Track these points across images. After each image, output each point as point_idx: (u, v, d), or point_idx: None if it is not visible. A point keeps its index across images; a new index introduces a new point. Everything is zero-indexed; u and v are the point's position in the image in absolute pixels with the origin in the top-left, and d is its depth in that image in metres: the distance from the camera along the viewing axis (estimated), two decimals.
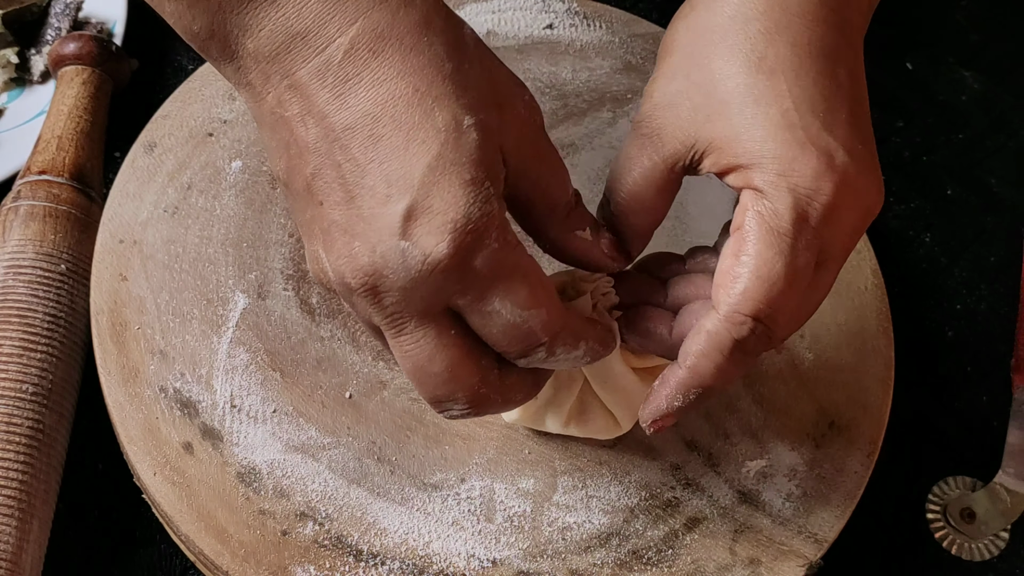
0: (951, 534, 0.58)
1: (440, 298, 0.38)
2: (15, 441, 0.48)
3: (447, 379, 0.39)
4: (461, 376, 0.39)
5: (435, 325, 0.38)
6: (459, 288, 0.37)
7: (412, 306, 0.38)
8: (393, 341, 0.39)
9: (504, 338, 0.39)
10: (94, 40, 0.60)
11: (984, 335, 0.65)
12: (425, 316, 0.38)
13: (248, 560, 0.47)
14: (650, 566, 0.49)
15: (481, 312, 0.38)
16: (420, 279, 0.37)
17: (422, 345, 0.39)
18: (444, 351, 0.39)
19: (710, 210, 0.60)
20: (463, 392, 0.40)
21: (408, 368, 0.39)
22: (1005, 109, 0.74)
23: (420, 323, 0.38)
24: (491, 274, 0.38)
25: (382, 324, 0.38)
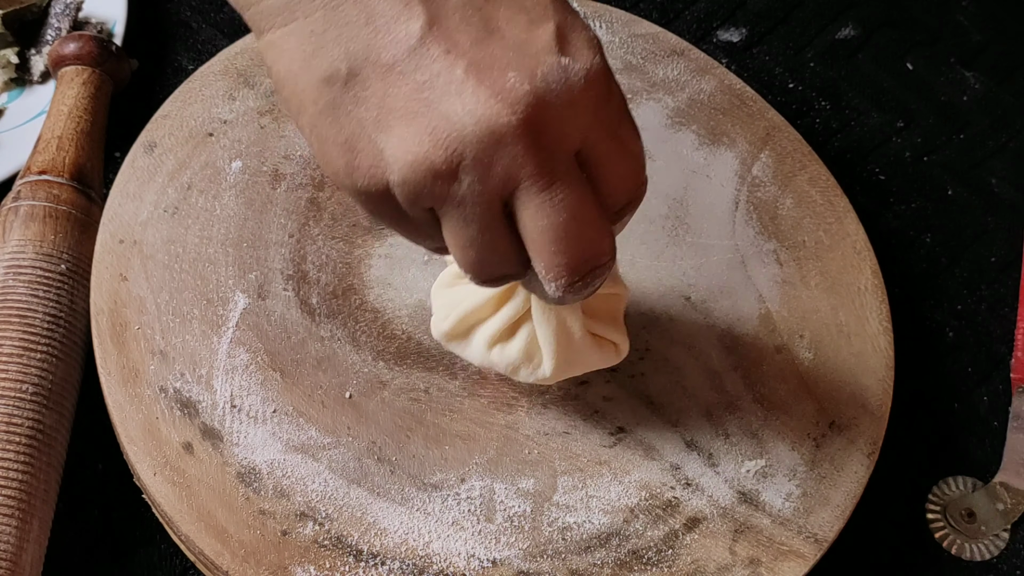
0: (951, 534, 0.58)
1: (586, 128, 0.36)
2: (15, 441, 0.48)
3: (596, 228, 0.37)
4: (604, 224, 0.38)
5: (577, 170, 0.37)
6: (603, 113, 0.36)
7: (564, 141, 0.35)
8: (544, 195, 0.36)
9: (630, 173, 0.38)
10: (94, 40, 0.60)
11: (984, 335, 0.65)
12: (571, 159, 0.36)
13: (248, 560, 0.47)
14: (650, 566, 0.49)
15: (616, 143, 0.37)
16: (579, 100, 0.35)
17: (576, 191, 0.36)
18: (591, 197, 0.37)
19: (710, 210, 0.60)
20: (609, 243, 0.38)
21: (562, 222, 0.36)
22: (1006, 109, 0.74)
23: (569, 166, 0.36)
24: (621, 101, 0.37)
25: (534, 173, 0.35)
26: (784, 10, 0.76)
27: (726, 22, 0.74)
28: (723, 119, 0.64)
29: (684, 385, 0.54)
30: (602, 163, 0.37)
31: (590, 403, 0.53)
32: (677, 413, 0.53)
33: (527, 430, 0.52)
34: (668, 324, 0.56)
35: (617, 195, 0.38)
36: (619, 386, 0.54)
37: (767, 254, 0.59)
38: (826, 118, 0.72)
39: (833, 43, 0.75)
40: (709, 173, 0.61)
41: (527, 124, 0.34)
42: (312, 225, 0.56)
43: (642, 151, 0.39)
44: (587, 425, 0.52)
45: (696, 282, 0.58)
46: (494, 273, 0.39)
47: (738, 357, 0.56)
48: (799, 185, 0.62)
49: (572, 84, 0.35)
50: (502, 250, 0.38)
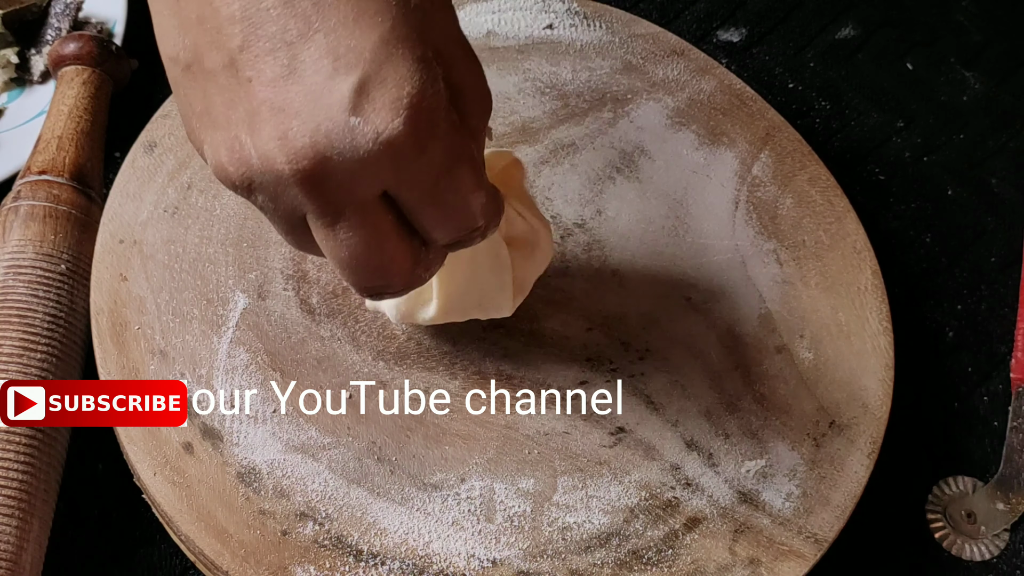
0: (951, 534, 0.58)
1: (385, 182, 0.35)
2: (15, 441, 0.48)
3: (385, 267, 0.37)
4: (398, 262, 0.37)
5: (373, 212, 0.36)
6: (407, 173, 0.35)
7: (353, 192, 0.35)
8: (326, 232, 0.36)
9: (446, 224, 0.37)
10: (94, 40, 0.60)
11: (984, 335, 0.65)
12: (364, 203, 0.36)
13: (248, 560, 0.47)
14: (650, 566, 0.49)
15: (428, 197, 0.36)
16: (369, 160, 0.34)
17: (360, 234, 0.36)
18: (384, 239, 0.37)
19: (710, 210, 0.60)
20: (399, 277, 0.38)
21: (343, 258, 0.37)
22: (1006, 109, 0.74)
23: (358, 210, 0.36)
24: (443, 158, 0.35)
25: (315, 213, 0.35)
26: (784, 10, 0.76)
27: (726, 22, 0.74)
28: (723, 119, 0.64)
29: (684, 385, 0.54)
30: (414, 210, 0.37)
31: (590, 403, 0.53)
32: (677, 413, 0.53)
33: (527, 430, 0.52)
34: (668, 324, 0.56)
35: (434, 234, 0.38)
36: (619, 386, 0.54)
37: (767, 254, 0.59)
38: (826, 118, 0.72)
39: (833, 43, 0.75)
40: (709, 173, 0.61)
41: (304, 174, 0.34)
42: None
43: (470, 201, 0.37)
44: (587, 425, 0.52)
45: (696, 282, 0.58)
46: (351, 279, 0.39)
47: (738, 357, 0.56)
48: (799, 185, 0.62)
49: (358, 145, 0.34)
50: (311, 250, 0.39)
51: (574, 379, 0.54)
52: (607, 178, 0.60)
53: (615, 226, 0.59)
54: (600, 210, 0.59)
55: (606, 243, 0.58)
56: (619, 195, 0.60)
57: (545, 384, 0.53)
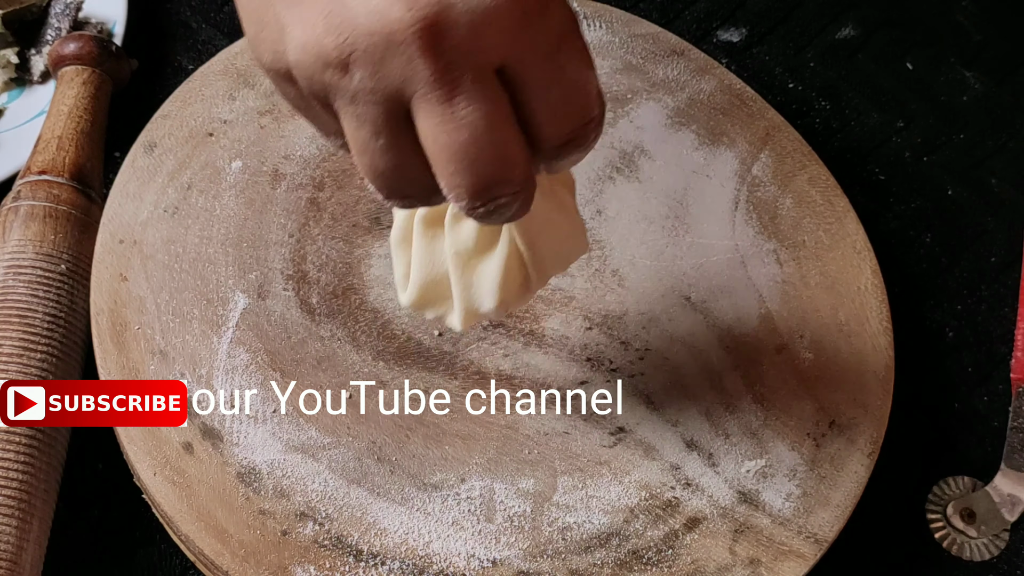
0: (951, 534, 0.58)
1: (505, 47, 0.32)
2: (15, 441, 0.48)
3: (504, 154, 0.33)
4: (516, 152, 0.33)
5: (493, 85, 0.32)
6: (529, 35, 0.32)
7: (475, 54, 0.31)
8: (442, 108, 0.32)
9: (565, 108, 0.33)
10: (94, 40, 0.60)
11: (984, 335, 0.65)
12: (484, 72, 0.32)
13: (248, 560, 0.47)
14: (650, 566, 0.49)
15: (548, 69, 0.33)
16: (495, 12, 0.31)
17: (482, 109, 0.32)
18: (505, 119, 0.33)
19: (710, 210, 0.60)
20: (519, 172, 0.33)
21: (462, 141, 0.32)
22: (1006, 109, 0.74)
23: (478, 79, 0.32)
24: (561, 23, 0.33)
25: (431, 82, 0.31)
26: (784, 10, 0.76)
27: (726, 22, 0.74)
28: (723, 119, 0.64)
29: (684, 385, 0.54)
30: (529, 88, 0.33)
31: (590, 403, 0.53)
32: (677, 413, 0.53)
33: (527, 430, 0.52)
34: (668, 324, 0.56)
35: (549, 127, 0.34)
36: (619, 386, 0.54)
37: (767, 254, 0.59)
38: (826, 118, 0.72)
39: (833, 43, 0.75)
40: (709, 173, 0.62)
41: (425, 25, 0.31)
42: (312, 225, 0.56)
43: (591, 83, 0.34)
44: (587, 425, 0.52)
45: (696, 282, 0.58)
46: (395, 188, 0.35)
47: (738, 357, 0.56)
48: (799, 185, 0.62)
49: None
50: (401, 163, 0.34)
51: (574, 379, 0.54)
52: (607, 178, 0.60)
53: (615, 226, 0.59)
54: (600, 210, 0.59)
55: (606, 243, 0.58)
56: (619, 195, 0.60)
57: (545, 384, 0.53)
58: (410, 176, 0.34)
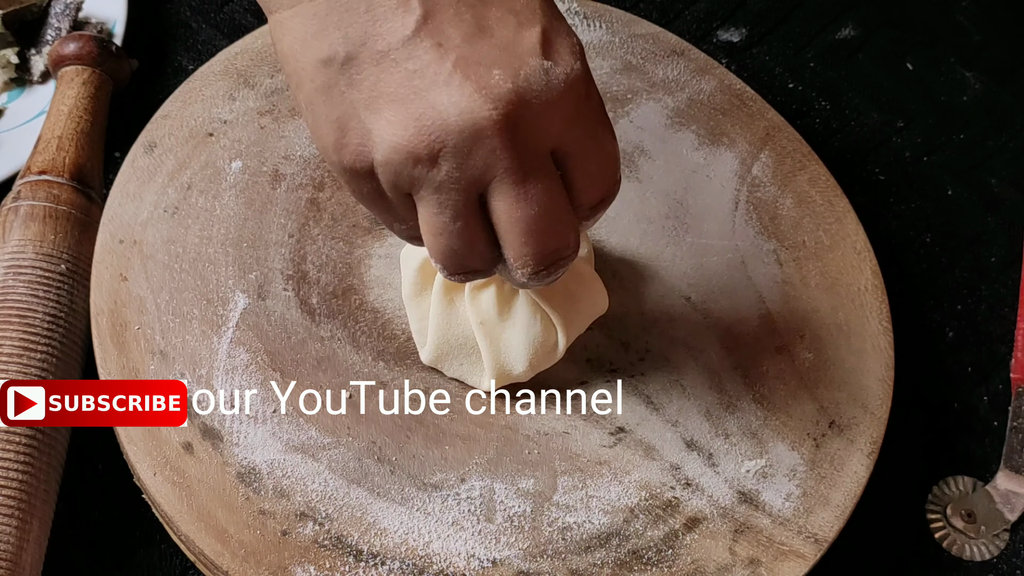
0: (951, 534, 0.58)
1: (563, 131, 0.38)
2: (15, 441, 0.48)
3: (562, 226, 0.39)
4: (572, 220, 0.40)
5: (551, 167, 0.39)
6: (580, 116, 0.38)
7: (542, 140, 0.38)
8: (517, 191, 0.38)
9: (600, 174, 0.40)
10: (94, 40, 0.60)
11: (984, 335, 0.65)
12: (546, 157, 0.38)
13: (248, 560, 0.47)
14: (650, 566, 0.49)
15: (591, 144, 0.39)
16: (559, 99, 0.37)
17: (548, 190, 0.38)
18: (561, 193, 0.39)
19: (710, 210, 0.60)
20: (574, 237, 0.40)
21: (532, 216, 0.38)
22: (1006, 109, 0.74)
23: (544, 164, 0.38)
24: (598, 105, 0.40)
25: (508, 169, 0.37)
26: (784, 10, 0.76)
27: (726, 22, 0.74)
28: (723, 119, 0.64)
29: (684, 385, 0.54)
30: (577, 162, 0.39)
31: (590, 403, 0.53)
32: (677, 413, 0.53)
33: (527, 430, 0.52)
34: (668, 324, 0.56)
35: (589, 192, 0.40)
36: (619, 386, 0.54)
37: (767, 254, 0.59)
38: (826, 118, 0.72)
39: (833, 43, 0.75)
40: (709, 173, 0.61)
41: (507, 120, 0.36)
42: (312, 225, 0.56)
43: (617, 152, 0.41)
44: (587, 425, 0.52)
45: (696, 282, 0.58)
46: (462, 265, 0.41)
47: (738, 357, 0.56)
48: (799, 185, 0.62)
49: (552, 86, 0.37)
50: (473, 241, 0.40)
51: (574, 379, 0.54)
52: None
53: (615, 226, 0.59)
54: None
55: (606, 243, 0.58)
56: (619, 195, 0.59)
57: (545, 384, 0.53)
58: (478, 252, 0.40)
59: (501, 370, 0.50)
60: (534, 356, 0.50)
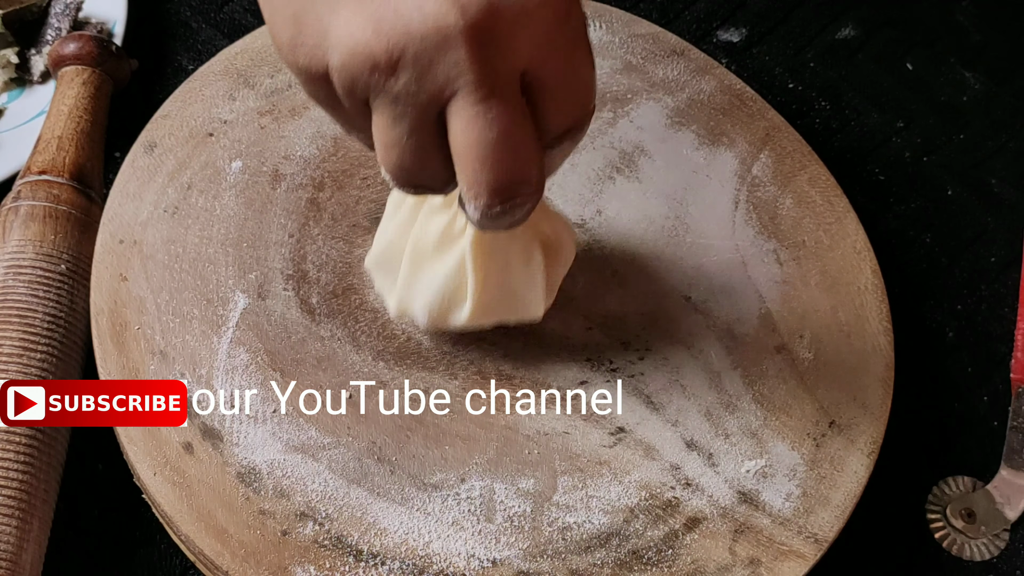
0: (951, 534, 0.58)
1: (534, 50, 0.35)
2: (15, 441, 0.48)
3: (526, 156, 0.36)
4: (535, 151, 0.37)
5: (518, 92, 0.35)
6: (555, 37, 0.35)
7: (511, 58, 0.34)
8: (478, 108, 0.35)
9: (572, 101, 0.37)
10: (94, 40, 0.60)
11: (984, 335, 0.65)
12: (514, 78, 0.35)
13: (248, 560, 0.47)
14: (650, 566, 0.49)
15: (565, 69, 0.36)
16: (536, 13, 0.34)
17: (511, 113, 0.35)
18: (526, 121, 0.36)
19: (710, 210, 0.60)
20: (535, 168, 0.37)
21: (491, 139, 0.35)
22: (1006, 109, 0.74)
23: (510, 85, 0.35)
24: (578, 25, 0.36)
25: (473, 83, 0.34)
26: (784, 10, 0.76)
27: (726, 22, 0.74)
28: (723, 119, 0.64)
29: (684, 385, 0.54)
30: (546, 86, 0.36)
31: (590, 403, 0.53)
32: (677, 413, 0.54)
33: (527, 430, 0.52)
34: (668, 324, 0.56)
35: (557, 119, 0.37)
36: (619, 386, 0.54)
37: (767, 254, 0.59)
38: (826, 118, 0.72)
39: (833, 43, 0.75)
40: (709, 173, 0.62)
41: (475, 29, 0.33)
42: (312, 225, 0.56)
43: (592, 79, 0.38)
44: (587, 425, 0.52)
45: (696, 282, 0.58)
46: (413, 179, 0.38)
47: (738, 357, 0.56)
48: (799, 185, 0.62)
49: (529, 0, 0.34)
50: (427, 158, 0.37)
51: (574, 379, 0.54)
52: (607, 178, 0.60)
53: (615, 226, 0.59)
54: (600, 210, 0.59)
55: (606, 243, 0.58)
56: (619, 195, 0.60)
57: (545, 384, 0.53)
58: (431, 171, 0.37)
59: (403, 305, 0.49)
60: (435, 309, 0.48)
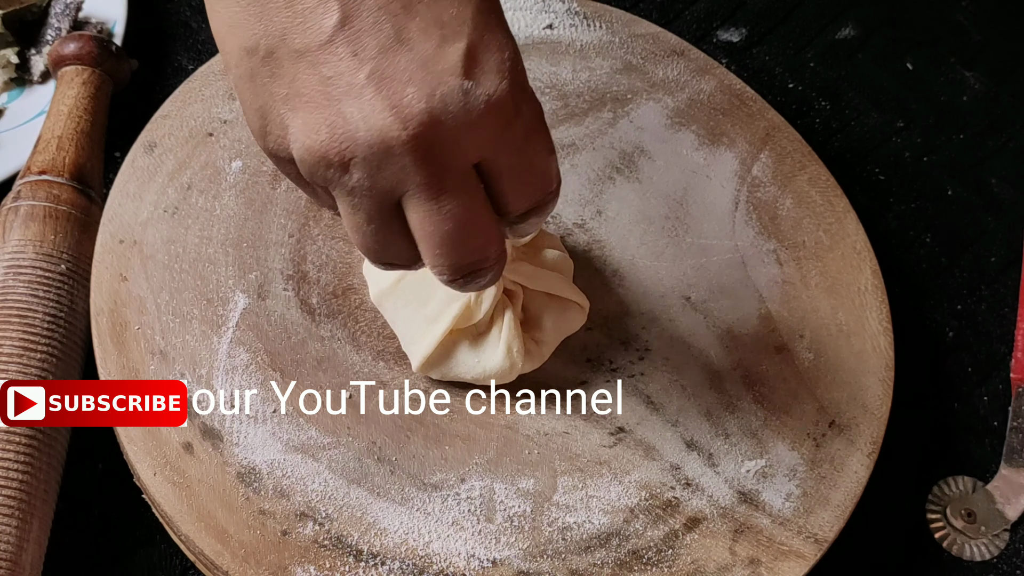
0: (951, 534, 0.58)
1: (485, 146, 0.36)
2: (15, 441, 0.48)
3: (484, 239, 0.38)
4: (494, 233, 0.39)
5: (472, 182, 0.37)
6: (506, 134, 0.37)
7: (460, 158, 0.36)
8: (429, 206, 0.37)
9: (531, 186, 0.39)
10: (94, 40, 0.60)
11: (984, 335, 0.65)
12: (466, 171, 0.37)
13: (248, 560, 0.47)
14: (650, 566, 0.49)
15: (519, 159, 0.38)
16: (478, 122, 0.36)
17: (465, 203, 0.37)
18: (482, 208, 0.38)
19: (710, 210, 0.60)
20: (495, 249, 0.39)
21: (447, 231, 0.37)
22: (1006, 109, 0.74)
23: (460, 178, 0.37)
24: (531, 118, 0.38)
25: (421, 184, 0.36)
26: (784, 10, 0.76)
27: (726, 22, 0.74)
28: (723, 119, 0.64)
29: (684, 385, 0.54)
30: (502, 177, 0.38)
31: (590, 403, 0.53)
32: (677, 413, 0.53)
33: (527, 430, 0.52)
34: (668, 324, 0.56)
35: (516, 203, 0.39)
36: (619, 386, 0.54)
37: (767, 254, 0.59)
38: (826, 118, 0.72)
39: (833, 43, 0.75)
40: (709, 173, 0.62)
41: (417, 140, 0.35)
42: (312, 225, 0.56)
43: (551, 163, 0.40)
44: (587, 425, 0.52)
45: (696, 282, 0.58)
46: (382, 258, 0.40)
47: (738, 357, 0.56)
48: (799, 185, 0.62)
49: (471, 108, 0.35)
50: (389, 241, 0.39)
51: (574, 379, 0.54)
52: (607, 178, 0.60)
53: (615, 226, 0.59)
54: (600, 210, 0.59)
55: (606, 243, 0.58)
56: (619, 195, 0.60)
57: (545, 384, 0.53)
58: (396, 252, 0.39)
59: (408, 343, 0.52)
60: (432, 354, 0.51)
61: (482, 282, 0.40)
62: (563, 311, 0.52)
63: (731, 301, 0.57)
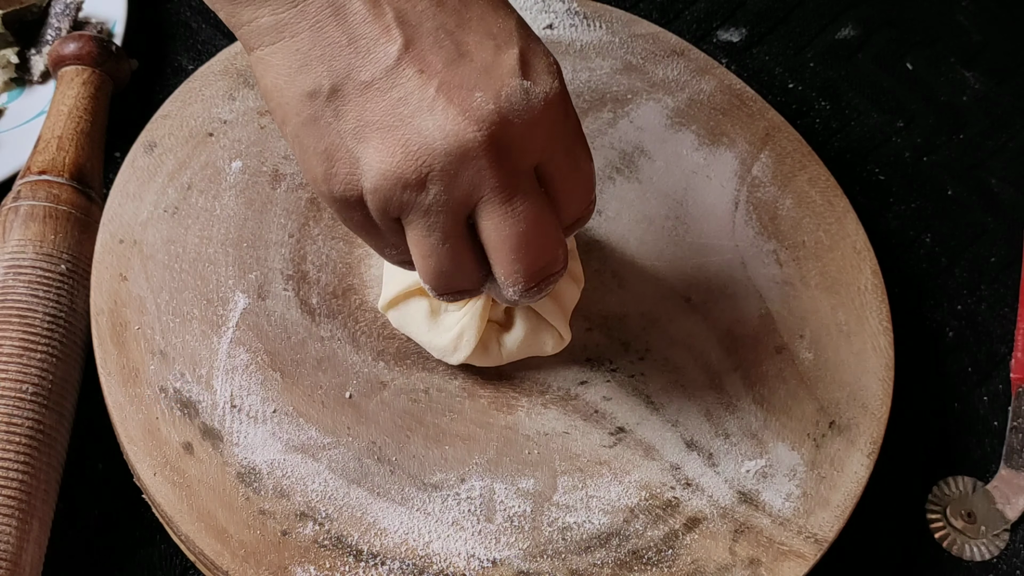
0: (951, 534, 0.58)
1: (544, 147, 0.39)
2: (15, 441, 0.48)
3: (552, 241, 0.40)
4: (560, 235, 0.41)
5: (535, 181, 0.40)
6: (559, 134, 0.39)
7: (525, 158, 0.39)
8: (504, 209, 0.39)
9: (579, 192, 0.41)
10: (94, 40, 0.60)
11: (984, 335, 0.65)
12: (531, 175, 0.39)
13: (248, 560, 0.47)
14: (650, 566, 0.49)
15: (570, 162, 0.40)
16: (540, 120, 0.38)
17: (535, 206, 0.39)
18: (549, 209, 0.40)
19: (710, 210, 0.60)
20: (563, 251, 0.41)
21: (521, 232, 0.39)
22: (1006, 109, 0.74)
23: (529, 181, 0.39)
24: (575, 122, 0.41)
25: (496, 188, 0.38)
26: (784, 10, 0.76)
27: (726, 22, 0.74)
28: (723, 119, 0.64)
29: (684, 385, 0.54)
30: (557, 179, 0.40)
31: (590, 403, 0.53)
32: (677, 413, 0.54)
33: (527, 430, 0.52)
34: (668, 324, 0.56)
35: (570, 209, 0.42)
36: (619, 386, 0.54)
37: (767, 254, 0.59)
38: (826, 118, 0.72)
39: (833, 43, 0.75)
40: (709, 173, 0.62)
41: (491, 140, 0.37)
42: (312, 225, 0.56)
43: (593, 171, 0.42)
44: (587, 425, 0.52)
45: (696, 282, 0.58)
46: (452, 284, 0.42)
47: (738, 357, 0.56)
48: (799, 185, 0.62)
49: (533, 105, 0.38)
50: (461, 261, 0.41)
51: (574, 379, 0.54)
52: (607, 178, 0.60)
53: (615, 226, 0.59)
54: (600, 210, 0.59)
55: (606, 243, 0.58)
56: (619, 195, 0.60)
57: (545, 384, 0.53)
58: (467, 272, 0.41)
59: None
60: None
61: (549, 288, 0.42)
62: (539, 332, 0.52)
63: (731, 301, 0.57)
